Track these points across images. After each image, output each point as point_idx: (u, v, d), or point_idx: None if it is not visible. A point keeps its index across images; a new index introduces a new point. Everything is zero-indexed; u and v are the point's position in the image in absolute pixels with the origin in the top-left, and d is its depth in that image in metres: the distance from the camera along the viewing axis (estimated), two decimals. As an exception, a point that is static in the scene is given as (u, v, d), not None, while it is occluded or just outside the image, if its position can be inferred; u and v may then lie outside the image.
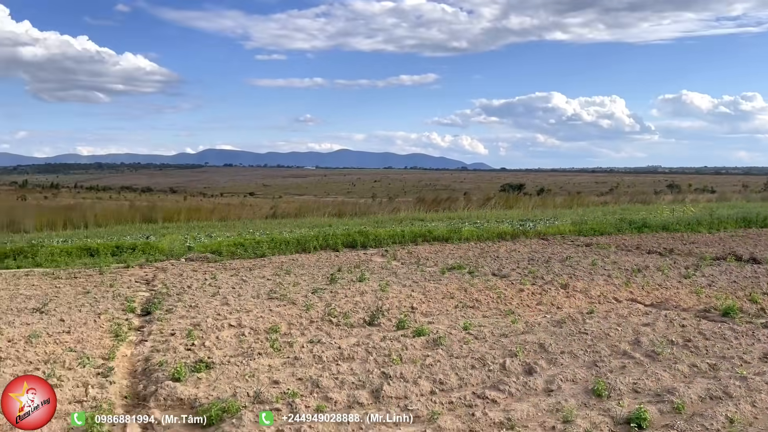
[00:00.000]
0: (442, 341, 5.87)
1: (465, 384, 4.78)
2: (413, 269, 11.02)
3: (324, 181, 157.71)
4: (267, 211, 29.46)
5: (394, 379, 4.80)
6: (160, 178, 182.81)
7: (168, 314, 7.36)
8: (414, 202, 32.28)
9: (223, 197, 73.35)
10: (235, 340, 6.15)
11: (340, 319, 6.98)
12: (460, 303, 7.89)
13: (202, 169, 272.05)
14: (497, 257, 12.57)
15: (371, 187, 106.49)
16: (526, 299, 8.15)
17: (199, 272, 11.18)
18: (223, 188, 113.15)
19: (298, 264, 12.09)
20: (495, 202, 30.72)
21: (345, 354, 5.56)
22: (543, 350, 5.63)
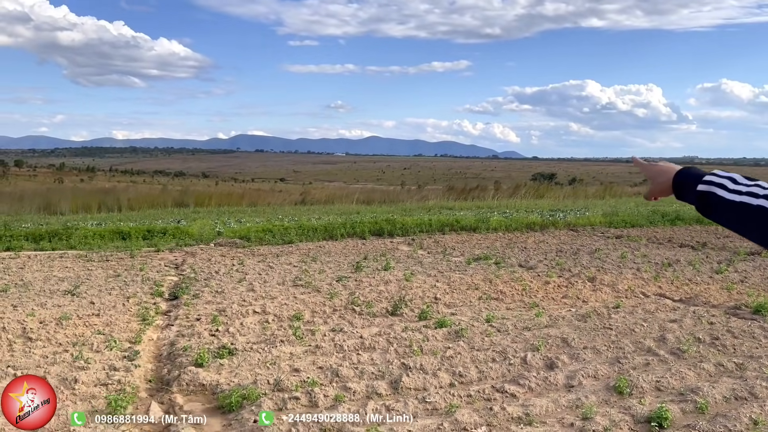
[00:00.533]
0: (464, 333, 5.86)
1: (485, 377, 4.76)
2: (439, 259, 10.99)
3: (354, 167, 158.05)
4: (296, 198, 29.64)
5: (413, 370, 4.81)
6: (193, 162, 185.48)
7: (195, 299, 7.49)
8: (443, 191, 32.15)
9: (254, 183, 74.11)
10: (258, 327, 6.23)
11: (363, 308, 7.01)
12: (485, 294, 7.85)
13: (234, 155, 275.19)
14: (525, 248, 12.45)
15: (401, 175, 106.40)
16: (552, 292, 8.06)
17: (227, 258, 11.32)
18: (254, 174, 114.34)
19: (325, 251, 12.16)
20: (525, 192, 30.36)
21: (366, 344, 5.58)
22: (566, 345, 5.57)
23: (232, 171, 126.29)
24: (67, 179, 55.75)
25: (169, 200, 25.74)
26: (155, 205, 24.57)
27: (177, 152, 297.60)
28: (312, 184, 69.98)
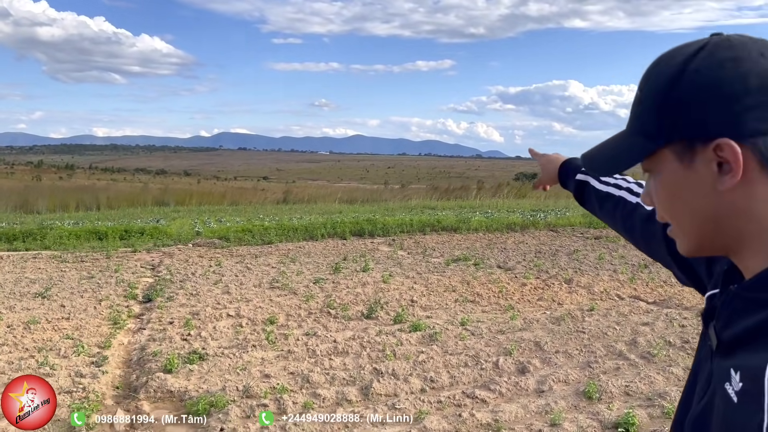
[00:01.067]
0: (438, 337, 5.85)
1: (456, 382, 4.76)
2: (419, 260, 10.98)
3: (337, 166, 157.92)
4: (279, 197, 29.52)
5: (385, 375, 4.79)
6: (175, 160, 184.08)
7: (169, 302, 7.40)
8: (426, 190, 32.21)
9: (237, 181, 73.70)
10: (231, 331, 6.17)
11: (338, 311, 6.98)
12: (461, 297, 7.85)
13: (217, 153, 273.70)
14: (504, 249, 12.49)
15: (384, 174, 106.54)
16: (528, 294, 8.09)
17: (205, 258, 11.22)
18: (236, 172, 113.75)
19: (305, 252, 12.10)
20: (507, 192, 30.51)
21: (339, 348, 5.55)
22: (538, 348, 5.58)
23: (215, 169, 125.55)
24: (46, 177, 55.00)
25: (150, 199, 25.51)
26: (135, 204, 24.32)
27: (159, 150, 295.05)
28: (295, 182, 69.77)
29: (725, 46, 0.72)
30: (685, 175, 0.75)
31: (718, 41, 0.73)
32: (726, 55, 0.72)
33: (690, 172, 0.75)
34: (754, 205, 0.73)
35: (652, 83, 0.77)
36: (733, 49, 0.72)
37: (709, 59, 0.72)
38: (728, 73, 0.71)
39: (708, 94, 0.72)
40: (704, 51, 0.73)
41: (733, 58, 0.71)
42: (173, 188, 31.85)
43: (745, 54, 0.71)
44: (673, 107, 0.74)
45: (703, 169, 0.73)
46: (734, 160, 0.70)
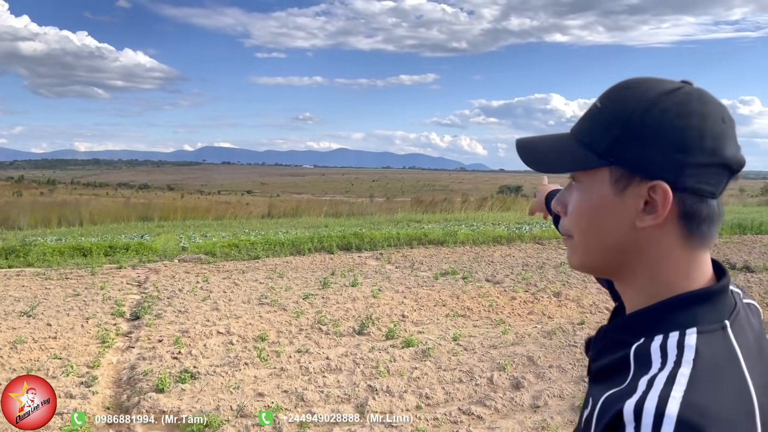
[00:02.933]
0: (431, 352, 5.84)
1: (451, 399, 4.74)
2: (407, 273, 10.98)
3: (322, 179, 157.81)
4: (263, 211, 29.40)
5: (380, 392, 4.76)
6: (158, 175, 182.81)
7: (157, 319, 7.31)
8: (411, 203, 32.27)
9: (221, 195, 73.32)
10: (222, 349, 6.10)
11: (329, 328, 6.93)
12: (452, 311, 7.85)
13: (200, 167, 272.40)
14: (492, 262, 12.53)
15: (369, 187, 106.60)
16: (518, 308, 8.11)
17: (192, 274, 11.12)
18: (220, 186, 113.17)
19: (292, 267, 12.04)
20: (492, 204, 30.69)
21: (332, 365, 5.51)
22: (532, 363, 5.59)
23: (198, 183, 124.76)
24: (26, 192, 54.23)
25: (133, 214, 25.28)
26: (118, 219, 24.08)
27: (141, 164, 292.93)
28: (279, 196, 69.55)
29: (698, 99, 0.75)
30: (612, 201, 0.78)
31: (694, 91, 0.76)
32: (696, 108, 0.74)
33: (617, 200, 0.77)
34: (655, 250, 0.77)
35: (617, 105, 0.78)
36: (705, 104, 0.75)
37: (680, 106, 0.74)
38: (691, 126, 0.73)
39: (666, 137, 0.74)
40: (677, 95, 0.75)
41: (701, 114, 0.74)
42: (157, 203, 31.55)
43: (711, 113, 0.74)
44: (630, 137, 0.76)
45: (630, 201, 0.76)
46: (663, 205, 0.74)
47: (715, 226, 0.76)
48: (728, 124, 0.75)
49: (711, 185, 0.74)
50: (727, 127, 0.74)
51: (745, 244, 15.15)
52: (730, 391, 0.67)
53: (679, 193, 0.74)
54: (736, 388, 0.68)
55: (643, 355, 0.73)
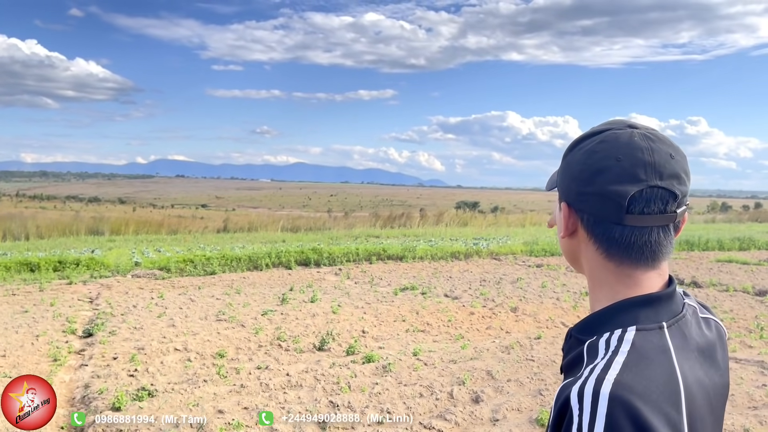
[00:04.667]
0: (392, 368, 5.87)
1: (413, 413, 4.77)
2: (366, 289, 11.00)
3: (279, 194, 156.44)
4: (219, 225, 28.98)
5: (341, 408, 4.76)
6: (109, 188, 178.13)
7: (111, 336, 7.13)
8: (370, 218, 32.36)
9: (174, 209, 71.86)
10: (180, 366, 6.00)
11: (289, 344, 6.89)
12: (412, 326, 7.91)
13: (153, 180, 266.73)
14: (450, 277, 12.68)
15: (327, 201, 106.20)
16: (477, 323, 8.23)
17: (146, 290, 10.89)
18: (174, 199, 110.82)
19: (249, 282, 11.92)
20: (450, 220, 31.04)
21: (293, 381, 5.48)
22: (490, 377, 5.68)
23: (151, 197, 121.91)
24: (-31, 204, 52.04)
25: (83, 227, 24.58)
26: (67, 233, 23.39)
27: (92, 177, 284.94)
28: (235, 210, 68.57)
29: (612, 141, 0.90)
30: (558, 216, 0.99)
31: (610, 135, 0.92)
32: (601, 148, 0.91)
33: (559, 215, 0.98)
34: (585, 260, 0.96)
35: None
36: (607, 143, 0.91)
37: (592, 142, 0.92)
38: (587, 162, 0.91)
39: (571, 169, 0.94)
40: (597, 137, 0.93)
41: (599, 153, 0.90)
42: (108, 216, 30.75)
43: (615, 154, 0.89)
44: (561, 164, 0.99)
45: (560, 216, 0.97)
46: (566, 220, 0.95)
47: (634, 250, 0.89)
48: (624, 163, 0.88)
49: (601, 211, 0.89)
50: (621, 165, 0.88)
51: (692, 260, 15.74)
52: (658, 376, 0.79)
53: (579, 213, 0.93)
54: (663, 374, 0.80)
55: (592, 349, 0.86)
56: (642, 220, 0.87)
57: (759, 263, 15.00)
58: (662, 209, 0.87)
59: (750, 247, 18.76)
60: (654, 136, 0.90)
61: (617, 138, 0.90)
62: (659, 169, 0.87)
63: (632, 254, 0.89)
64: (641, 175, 0.87)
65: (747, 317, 8.67)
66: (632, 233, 0.88)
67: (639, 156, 0.87)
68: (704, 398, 0.84)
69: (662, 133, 0.93)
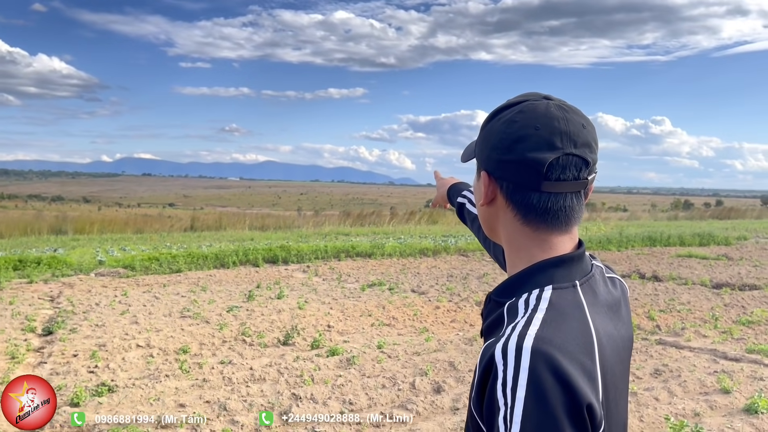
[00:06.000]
0: (356, 360, 5.91)
1: (375, 404, 4.83)
2: (334, 285, 11.02)
3: (248, 192, 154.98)
4: (186, 224, 28.62)
5: (304, 400, 4.79)
6: (73, 186, 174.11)
7: (72, 334, 7.02)
8: (339, 216, 32.32)
9: (141, 208, 70.69)
10: (142, 362, 5.94)
11: (254, 339, 6.88)
12: (377, 321, 7.97)
13: (119, 179, 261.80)
14: (418, 273, 12.77)
15: (297, 200, 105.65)
16: (441, 317, 8.32)
17: (110, 288, 10.73)
18: (140, 198, 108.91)
19: (216, 280, 11.83)
20: (420, 218, 31.18)
21: (256, 375, 5.49)
22: (453, 368, 5.77)
23: (117, 196, 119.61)
24: (-75, 203, 50.41)
25: (45, 227, 24.03)
26: (28, 233, 22.86)
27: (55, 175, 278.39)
28: (203, 209, 67.76)
29: (531, 111, 0.95)
30: (476, 185, 1.04)
31: (528, 106, 0.96)
32: (520, 118, 0.95)
33: (477, 184, 1.03)
34: (502, 226, 1.01)
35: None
36: (525, 114, 0.95)
37: (510, 115, 0.96)
38: (507, 131, 0.95)
39: (489, 138, 0.98)
40: (517, 107, 0.96)
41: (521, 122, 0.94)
42: (71, 216, 30.07)
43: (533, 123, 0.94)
44: (480, 135, 1.03)
45: (479, 185, 1.01)
46: (486, 187, 0.99)
47: (550, 215, 0.94)
48: (542, 132, 0.92)
49: (520, 178, 0.93)
50: (539, 134, 0.92)
51: (654, 256, 16.13)
52: (574, 330, 0.86)
53: (498, 181, 0.97)
54: (579, 328, 0.86)
55: (512, 309, 0.92)
56: (558, 186, 0.92)
57: (717, 258, 15.44)
58: (576, 176, 0.93)
59: (709, 243, 19.28)
60: (567, 107, 0.96)
61: (535, 108, 0.94)
62: (573, 137, 0.92)
63: (548, 219, 0.94)
64: (557, 143, 0.91)
65: (703, 308, 8.94)
66: (549, 199, 0.93)
67: (555, 125, 0.92)
68: (613, 350, 0.91)
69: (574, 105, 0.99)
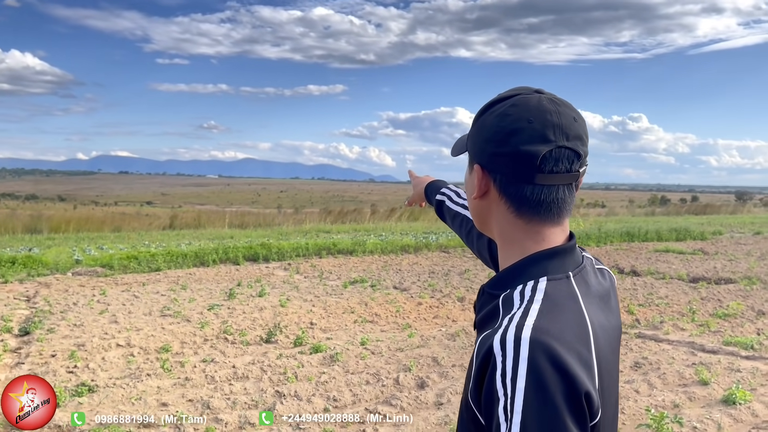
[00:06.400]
0: (339, 357, 5.91)
1: (359, 400, 4.83)
2: (315, 283, 10.99)
3: (227, 190, 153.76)
4: (164, 222, 28.32)
5: (287, 397, 4.77)
6: (48, 185, 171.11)
7: (49, 334, 6.91)
8: (320, 214, 32.22)
9: (118, 206, 69.75)
10: (122, 361, 5.87)
11: (236, 337, 6.84)
12: (360, 318, 7.96)
13: (95, 177, 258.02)
14: (399, 270, 12.79)
15: (277, 198, 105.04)
16: (424, 313, 8.35)
17: (87, 288, 10.57)
18: (117, 197, 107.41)
19: (196, 278, 11.72)
20: (400, 215, 31.20)
21: (239, 373, 5.45)
22: (436, 364, 5.79)
23: (93, 194, 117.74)
24: None
25: (19, 226, 23.58)
26: (2, 232, 22.41)
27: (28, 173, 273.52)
28: (182, 207, 67.05)
29: (523, 105, 0.96)
30: (468, 178, 1.05)
31: (521, 99, 0.97)
32: (513, 111, 0.95)
33: (468, 177, 1.05)
34: (495, 218, 1.01)
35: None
36: (518, 107, 0.95)
37: (502, 109, 0.97)
38: (501, 125, 0.95)
39: (482, 132, 0.99)
40: (508, 101, 0.97)
41: (511, 116, 0.95)
42: (47, 214, 29.52)
43: (527, 116, 0.94)
44: (472, 129, 1.04)
45: (472, 179, 1.02)
46: (479, 180, 0.99)
47: (543, 207, 0.95)
48: (535, 125, 0.93)
49: (513, 171, 0.94)
50: (533, 127, 0.93)
51: (632, 251, 16.35)
52: (570, 320, 0.87)
53: (492, 174, 0.98)
54: (575, 319, 0.88)
55: (507, 301, 0.93)
56: (551, 179, 0.93)
57: (693, 252, 15.70)
58: (568, 168, 0.94)
59: (686, 238, 19.59)
60: (559, 101, 0.97)
61: (527, 102, 0.95)
62: (565, 130, 0.93)
63: (541, 211, 0.95)
64: (551, 136, 0.92)
65: (681, 302, 9.08)
66: (542, 192, 0.94)
67: (548, 118, 0.93)
68: (606, 339, 0.92)
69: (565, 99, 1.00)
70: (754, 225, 24.36)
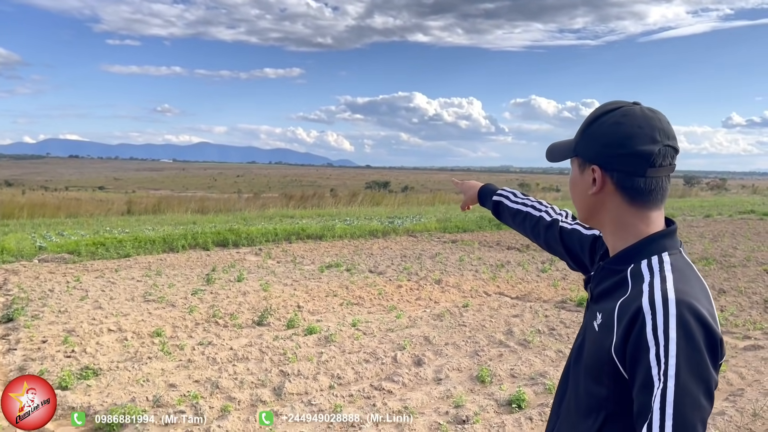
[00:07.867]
0: (334, 338, 6.08)
1: (361, 377, 5.03)
2: (291, 268, 11.09)
3: (182, 174, 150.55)
4: (122, 207, 27.77)
5: (293, 376, 4.93)
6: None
7: (35, 320, 6.85)
8: (281, 198, 32.07)
9: (69, 191, 67.58)
10: (118, 345, 5.91)
11: (227, 320, 6.93)
12: (345, 300, 8.14)
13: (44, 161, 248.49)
14: (372, 254, 12.98)
15: (234, 182, 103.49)
16: (406, 295, 8.58)
17: (58, 274, 10.41)
18: (68, 181, 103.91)
19: (168, 264, 11.66)
20: (362, 199, 31.35)
21: (239, 355, 5.58)
22: (428, 342, 6.03)
23: (42, 179, 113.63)
24: None
25: (-34, 213, 22.73)
26: (-52, 219, 21.56)
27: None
28: (135, 192, 65.43)
29: (629, 115, 1.17)
30: (579, 178, 1.25)
31: (629, 110, 1.19)
32: (623, 120, 1.17)
33: (580, 177, 1.24)
34: (608, 210, 1.21)
35: (588, 116, 1.26)
36: (631, 118, 1.16)
37: (612, 119, 1.18)
38: (615, 132, 1.17)
39: (598, 138, 1.19)
40: (615, 112, 1.19)
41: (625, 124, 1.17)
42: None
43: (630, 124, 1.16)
44: (584, 136, 1.23)
45: (586, 177, 1.22)
46: (598, 179, 1.19)
47: (653, 195, 1.17)
48: (645, 130, 1.16)
49: (630, 167, 1.15)
50: (643, 131, 1.15)
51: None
52: (696, 283, 1.11)
53: (609, 172, 1.17)
54: (699, 283, 1.12)
55: (636, 273, 1.14)
56: (659, 171, 1.16)
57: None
58: (670, 162, 1.18)
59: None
60: (654, 110, 1.20)
61: (633, 112, 1.18)
62: (667, 132, 1.17)
63: (650, 199, 1.18)
64: (658, 137, 1.16)
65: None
66: (651, 182, 1.16)
67: (654, 124, 1.16)
68: None
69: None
70: (703, 208, 25.50)
